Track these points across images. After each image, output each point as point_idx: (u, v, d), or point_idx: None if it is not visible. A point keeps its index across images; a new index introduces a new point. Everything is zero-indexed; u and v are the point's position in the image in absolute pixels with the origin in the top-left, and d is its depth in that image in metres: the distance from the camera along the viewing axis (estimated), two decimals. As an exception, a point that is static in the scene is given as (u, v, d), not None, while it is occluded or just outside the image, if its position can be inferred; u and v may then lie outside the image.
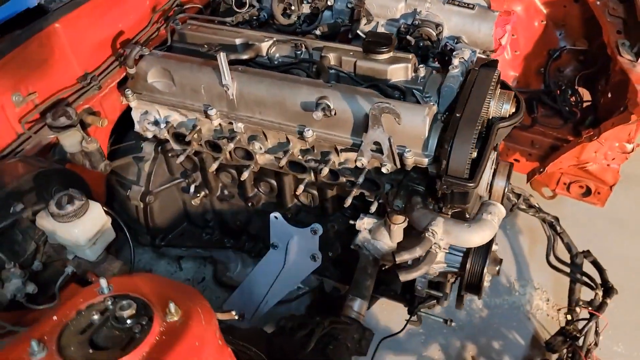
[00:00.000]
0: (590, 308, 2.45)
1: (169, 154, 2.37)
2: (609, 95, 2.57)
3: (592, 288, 2.53)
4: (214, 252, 2.68)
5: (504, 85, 1.98)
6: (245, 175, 2.12)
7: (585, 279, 2.60)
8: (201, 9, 2.43)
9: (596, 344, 2.47)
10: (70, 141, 1.92)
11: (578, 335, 2.44)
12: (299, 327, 2.32)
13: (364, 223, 2.03)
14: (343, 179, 2.01)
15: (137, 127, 2.24)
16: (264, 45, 2.11)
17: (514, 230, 3.29)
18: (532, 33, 2.78)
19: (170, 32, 2.22)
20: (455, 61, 1.94)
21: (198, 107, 2.04)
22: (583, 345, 2.41)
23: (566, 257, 2.70)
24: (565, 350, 2.54)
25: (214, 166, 2.14)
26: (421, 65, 1.96)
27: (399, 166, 1.80)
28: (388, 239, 2.00)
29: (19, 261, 1.68)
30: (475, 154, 1.75)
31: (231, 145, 2.05)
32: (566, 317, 2.50)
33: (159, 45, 2.25)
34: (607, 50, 2.49)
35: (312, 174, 2.06)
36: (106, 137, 2.26)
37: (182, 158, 2.17)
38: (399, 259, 1.58)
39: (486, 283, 1.90)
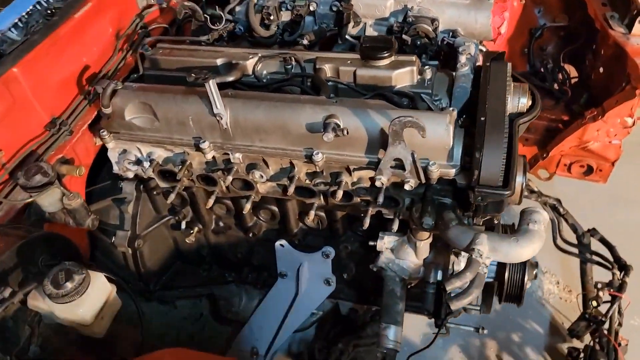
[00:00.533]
0: (611, 290, 2.39)
1: (154, 192, 2.16)
2: (601, 70, 2.50)
3: (607, 268, 2.48)
4: (213, 288, 2.47)
5: (514, 77, 1.86)
6: (248, 207, 1.93)
7: (597, 258, 2.54)
8: (167, 28, 2.19)
9: (620, 324, 2.43)
10: (49, 200, 1.68)
11: (603, 319, 2.39)
12: (324, 356, 2.19)
13: (385, 242, 1.88)
14: (357, 199, 1.85)
15: (115, 169, 2.01)
16: (249, 63, 1.90)
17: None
18: (513, 14, 2.67)
19: (140, 58, 1.99)
20: (463, 58, 1.81)
21: (187, 141, 1.83)
22: (610, 328, 2.36)
23: (572, 239, 2.64)
24: (590, 335, 2.49)
25: (211, 201, 1.95)
26: (426, 67, 1.81)
27: (423, 181, 1.65)
28: (414, 257, 1.85)
29: (14, 352, 1.45)
30: (503, 158, 1.63)
31: (229, 178, 1.85)
32: (591, 304, 2.43)
33: (128, 75, 2.01)
34: (594, 24, 2.41)
35: (322, 197, 1.89)
36: (83, 185, 2.02)
37: (172, 197, 1.97)
38: (450, 287, 1.44)
39: (524, 290, 1.80)
